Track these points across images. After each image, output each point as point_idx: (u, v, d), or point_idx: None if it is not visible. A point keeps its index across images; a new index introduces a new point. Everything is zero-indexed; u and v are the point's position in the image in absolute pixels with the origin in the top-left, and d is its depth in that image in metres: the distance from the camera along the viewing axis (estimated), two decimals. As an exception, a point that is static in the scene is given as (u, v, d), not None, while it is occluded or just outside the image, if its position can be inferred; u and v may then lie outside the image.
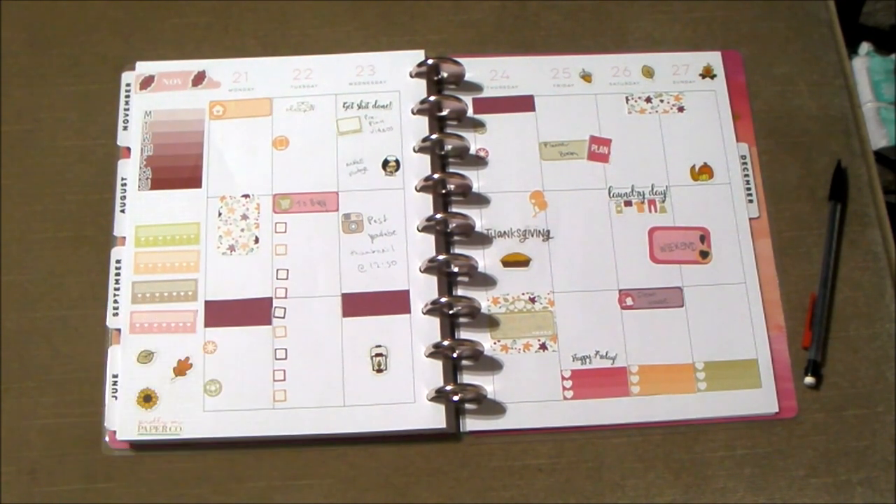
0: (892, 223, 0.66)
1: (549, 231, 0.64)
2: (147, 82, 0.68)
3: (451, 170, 0.65)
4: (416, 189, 0.64)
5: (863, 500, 0.59)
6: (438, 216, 0.63)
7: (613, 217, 0.65)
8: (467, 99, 0.67)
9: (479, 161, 0.66)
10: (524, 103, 0.67)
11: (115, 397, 0.60)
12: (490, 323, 0.62)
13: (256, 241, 0.63)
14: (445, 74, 0.67)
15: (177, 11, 0.71)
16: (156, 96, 0.67)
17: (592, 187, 0.65)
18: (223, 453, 0.60)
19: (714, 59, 0.69)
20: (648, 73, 0.69)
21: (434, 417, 0.59)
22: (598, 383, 0.61)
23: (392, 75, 0.68)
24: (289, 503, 0.58)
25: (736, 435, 0.60)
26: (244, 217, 0.64)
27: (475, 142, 0.66)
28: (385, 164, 0.65)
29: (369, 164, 0.65)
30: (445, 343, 0.60)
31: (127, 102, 0.68)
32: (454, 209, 0.65)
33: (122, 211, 0.64)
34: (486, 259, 0.64)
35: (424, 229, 0.63)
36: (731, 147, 0.67)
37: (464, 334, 0.62)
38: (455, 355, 0.61)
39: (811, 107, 0.69)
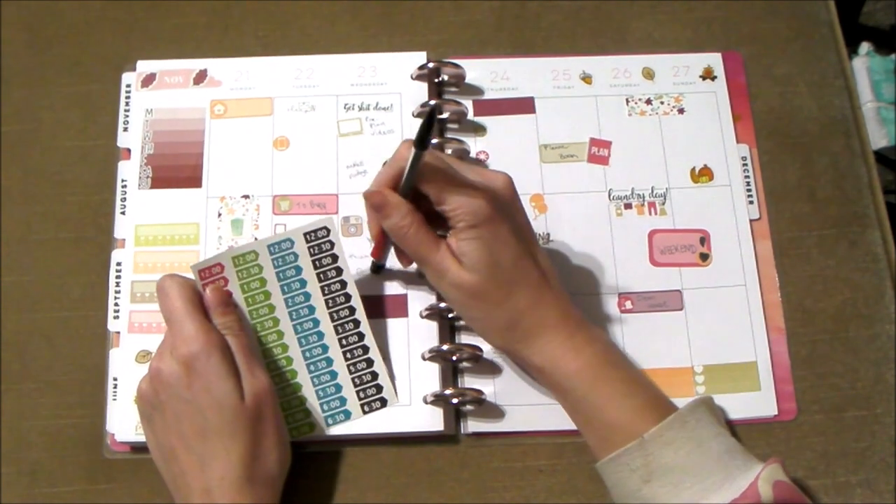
0: (892, 223, 0.66)
1: (549, 234, 0.64)
2: (149, 80, 0.68)
3: (452, 172, 0.65)
4: (416, 191, 0.64)
5: (862, 502, 0.59)
6: (438, 218, 0.63)
7: (613, 220, 0.65)
8: (467, 101, 0.67)
9: (479, 164, 0.66)
10: (524, 105, 0.67)
11: (116, 399, 0.60)
12: (490, 325, 0.62)
13: (256, 242, 0.63)
14: (446, 77, 0.67)
15: (177, 11, 0.70)
16: (157, 94, 0.67)
17: (592, 190, 0.65)
18: (223, 455, 0.60)
19: (714, 60, 0.69)
20: (649, 74, 0.68)
21: (432, 420, 0.59)
22: (597, 386, 0.61)
23: (393, 77, 0.67)
24: (289, 503, 0.59)
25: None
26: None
27: (475, 145, 0.66)
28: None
29: (369, 166, 0.65)
30: (445, 347, 0.60)
31: (127, 104, 0.67)
32: (454, 211, 0.64)
33: (123, 213, 0.64)
34: (486, 261, 0.63)
35: (424, 231, 0.63)
36: (732, 148, 0.67)
37: (463, 338, 0.62)
38: (455, 359, 0.61)
39: (811, 107, 0.69)
